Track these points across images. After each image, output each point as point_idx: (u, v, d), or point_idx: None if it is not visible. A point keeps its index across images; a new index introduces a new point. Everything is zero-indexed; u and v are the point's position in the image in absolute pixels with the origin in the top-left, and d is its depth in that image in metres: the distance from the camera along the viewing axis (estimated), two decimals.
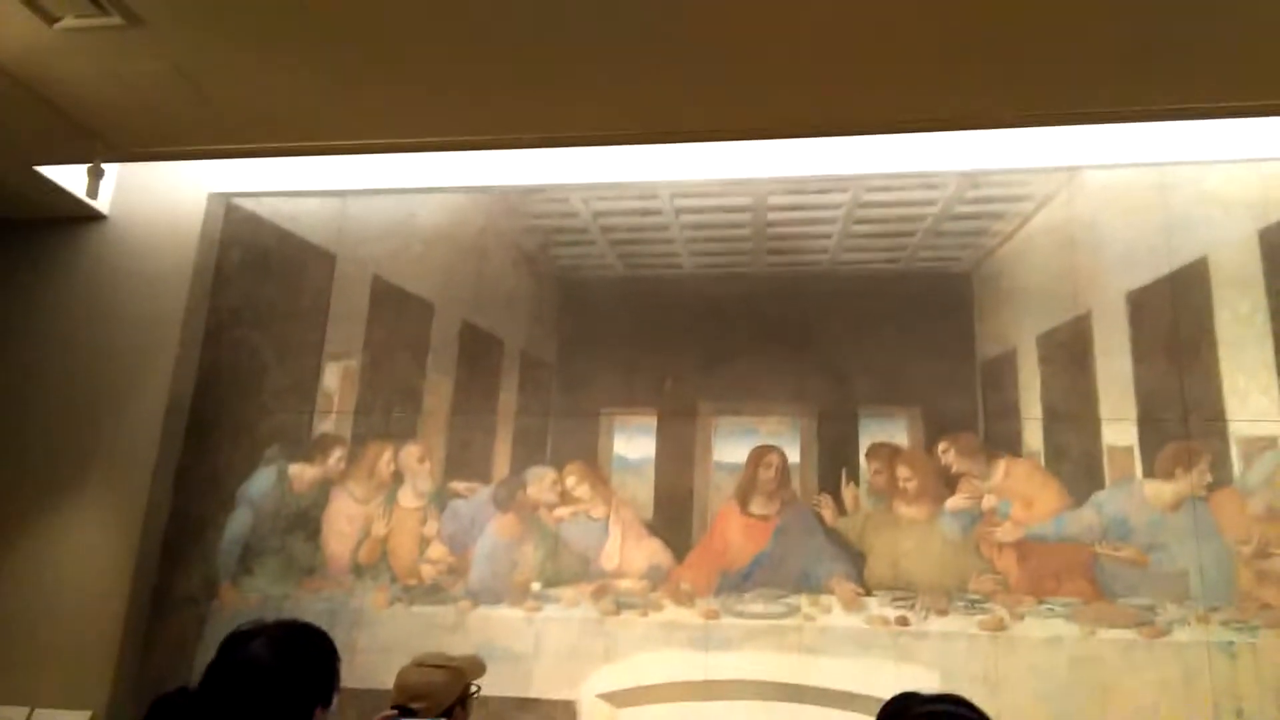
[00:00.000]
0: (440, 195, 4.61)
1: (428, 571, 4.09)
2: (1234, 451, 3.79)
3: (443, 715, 2.51)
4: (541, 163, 4.45)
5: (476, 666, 2.74)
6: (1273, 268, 3.94)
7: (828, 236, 4.34)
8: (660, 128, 3.98)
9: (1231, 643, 3.58)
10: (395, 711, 2.45)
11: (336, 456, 4.29)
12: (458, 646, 3.86)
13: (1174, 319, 3.96)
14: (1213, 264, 3.99)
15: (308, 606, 4.04)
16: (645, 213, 4.45)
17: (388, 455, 4.25)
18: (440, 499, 4.20)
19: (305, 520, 4.23)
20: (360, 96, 3.73)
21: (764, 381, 4.18)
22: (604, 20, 3.21)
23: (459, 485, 4.20)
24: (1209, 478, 3.77)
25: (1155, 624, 3.64)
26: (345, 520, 4.19)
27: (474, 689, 2.66)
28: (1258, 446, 3.78)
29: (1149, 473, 3.82)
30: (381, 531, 4.14)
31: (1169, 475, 3.80)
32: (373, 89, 3.68)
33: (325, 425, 4.37)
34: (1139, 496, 3.80)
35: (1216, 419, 3.83)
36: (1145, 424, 3.87)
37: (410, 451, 4.26)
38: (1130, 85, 3.56)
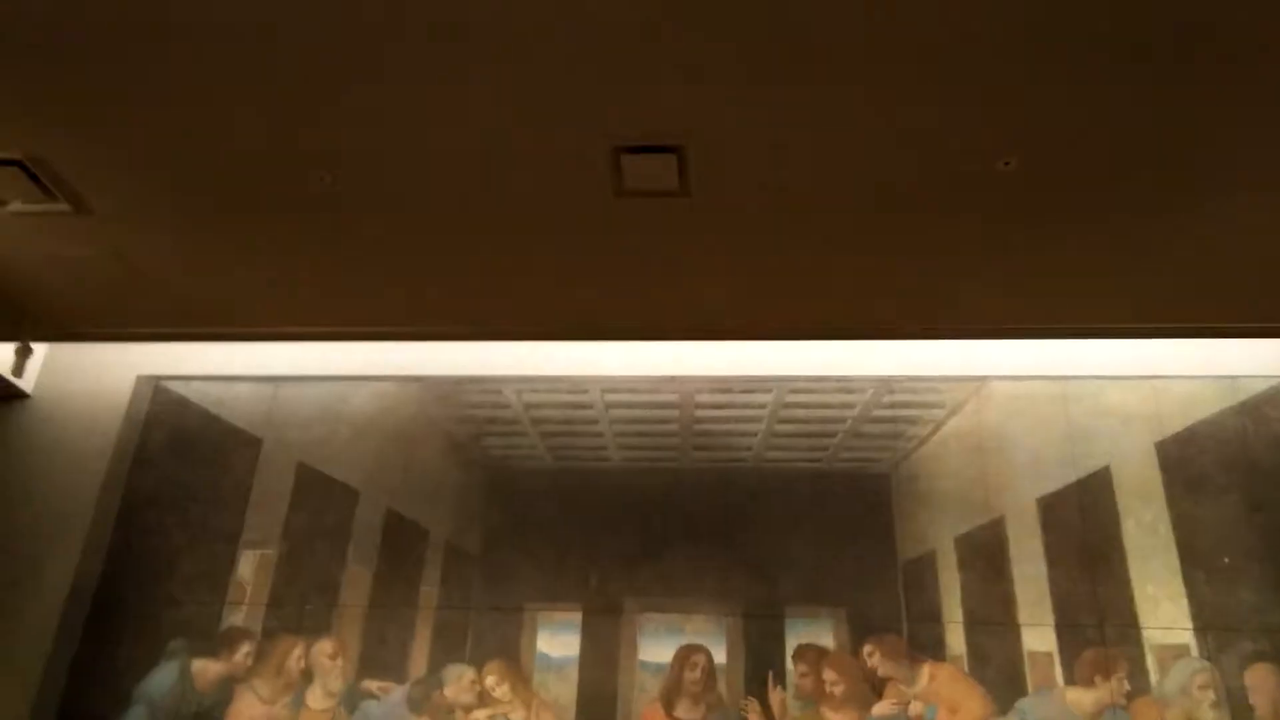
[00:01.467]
0: (373, 383, 4.66)
1: None
2: (1149, 660, 3.86)
3: None
4: (476, 354, 4.57)
5: None
6: (1171, 479, 4.17)
7: (753, 435, 4.47)
8: (592, 326, 4.17)
9: None
10: None
11: (244, 652, 4.07)
12: None
13: (1083, 526, 4.12)
14: (1115, 474, 4.21)
15: None
16: (576, 406, 4.56)
17: (298, 651, 4.06)
18: (351, 699, 3.98)
19: None
20: (296, 287, 3.85)
21: (690, 578, 4.17)
22: (536, 224, 3.41)
23: (372, 684, 4.01)
24: (1127, 686, 3.82)
25: None
26: None
27: None
28: (1171, 654, 3.86)
29: (1070, 680, 3.85)
30: None
31: (1089, 683, 3.84)
32: (309, 280, 3.80)
33: (235, 618, 4.18)
34: (1061, 704, 3.81)
35: (1130, 626, 3.92)
36: (1063, 630, 3.94)
37: (322, 647, 4.08)
38: (1030, 306, 3.88)
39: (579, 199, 3.24)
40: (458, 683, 3.96)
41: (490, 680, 3.97)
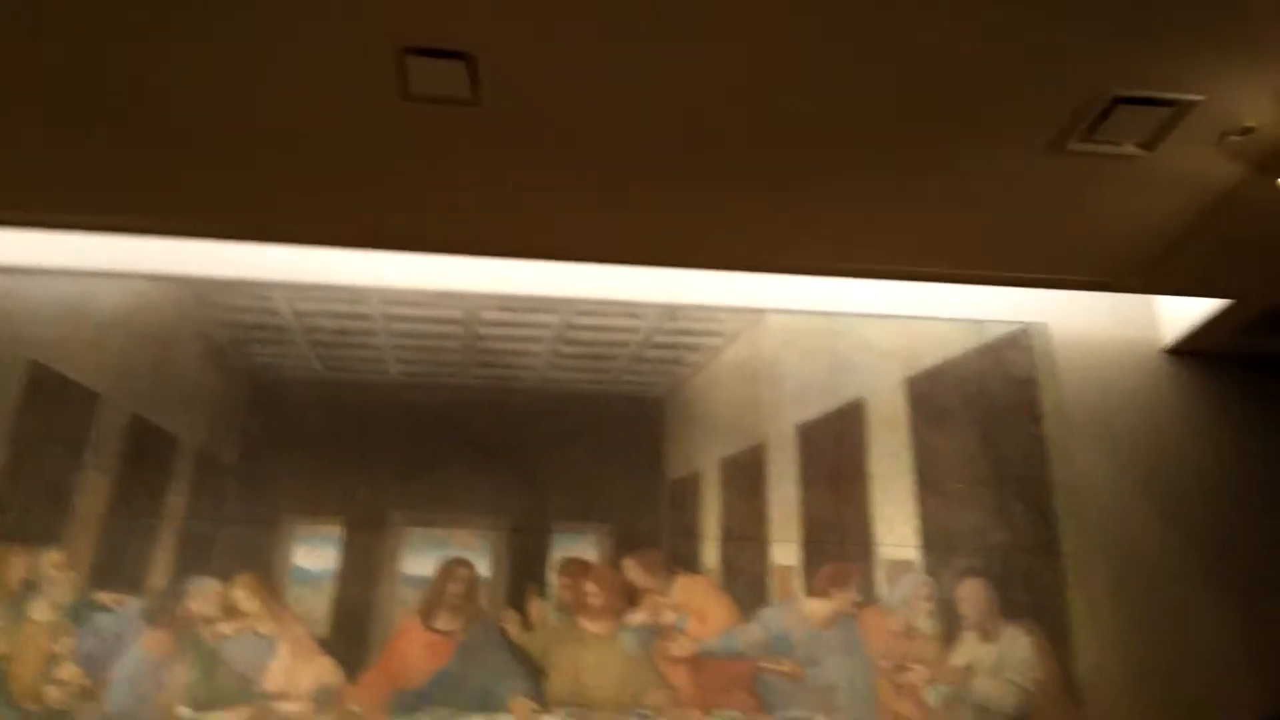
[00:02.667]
0: (125, 281, 4.32)
1: (53, 694, 3.62)
2: (880, 573, 4.24)
3: None
4: (244, 257, 4.31)
5: None
6: (916, 410, 4.54)
7: (536, 354, 4.50)
8: (373, 235, 4.02)
9: None
10: None
11: None
12: None
13: (835, 451, 4.44)
14: (869, 405, 4.54)
15: None
16: (353, 316, 4.42)
17: (22, 561, 3.79)
18: (80, 612, 3.77)
19: None
20: (45, 169, 3.50)
21: (460, 493, 4.19)
22: (316, 121, 3.24)
23: (106, 597, 3.81)
24: (858, 597, 4.18)
25: None
26: None
27: None
28: (899, 569, 4.26)
29: (809, 591, 4.18)
30: (1, 648, 3.65)
31: (825, 594, 4.18)
32: (55, 160, 3.46)
33: None
34: (799, 613, 4.14)
35: (866, 543, 4.28)
36: (808, 546, 4.26)
37: (50, 558, 3.81)
38: (806, 246, 4.06)
39: (362, 99, 3.10)
40: (202, 595, 3.82)
41: (239, 593, 3.86)
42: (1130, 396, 4.64)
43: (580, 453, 4.33)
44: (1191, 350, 4.68)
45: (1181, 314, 4.61)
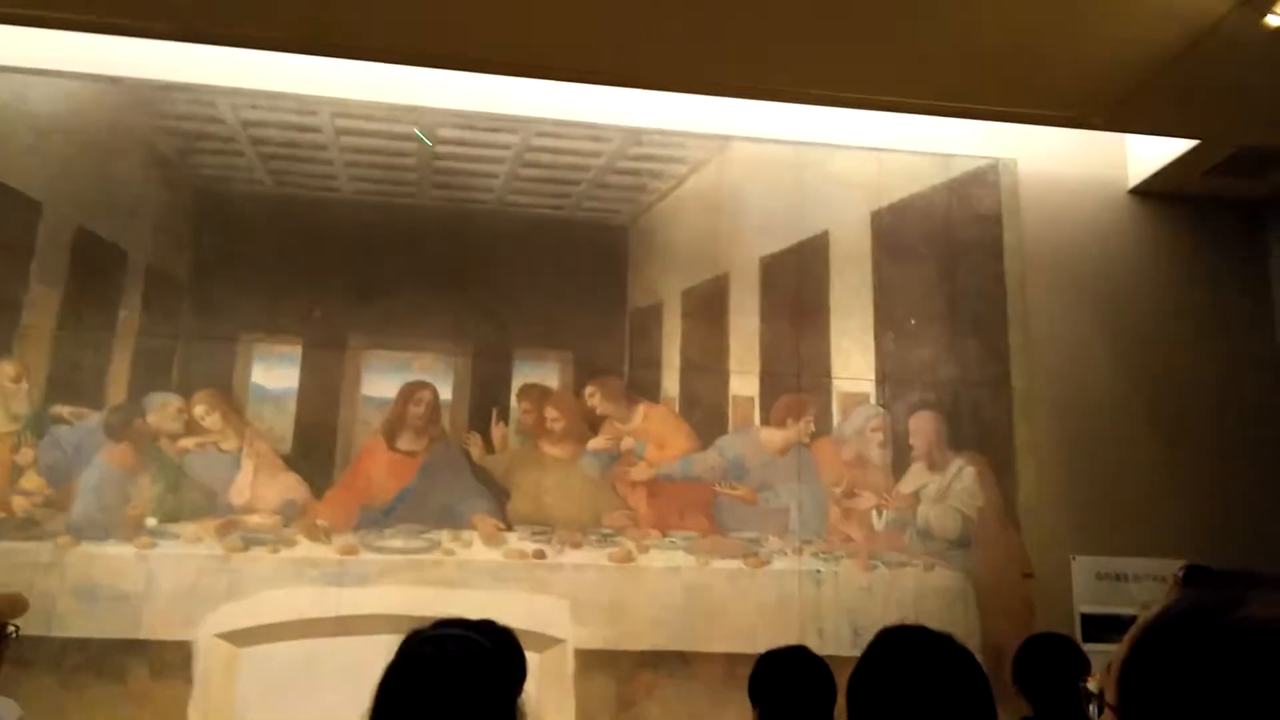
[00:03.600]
0: (58, 80, 4.10)
1: (19, 504, 3.69)
2: (835, 405, 4.40)
3: None
4: (185, 57, 4.07)
5: (14, 604, 2.49)
6: (879, 245, 4.60)
7: (495, 176, 4.42)
8: (319, 38, 3.82)
9: (819, 571, 4.18)
10: None
11: None
12: (54, 585, 3.58)
13: (797, 285, 4.50)
14: (832, 238, 4.57)
15: None
16: (302, 129, 4.27)
17: None
18: (39, 424, 3.79)
19: None
20: None
21: (420, 317, 4.20)
22: None
23: (63, 410, 3.81)
24: (813, 428, 4.36)
25: (759, 555, 4.16)
26: None
27: (11, 629, 2.43)
28: (854, 401, 4.42)
29: (765, 421, 4.34)
30: None
31: (781, 424, 4.34)
32: None
33: None
34: (755, 442, 4.31)
35: (823, 376, 4.42)
36: (766, 377, 4.38)
37: (3, 369, 3.79)
38: (771, 70, 3.97)
39: None
40: (162, 410, 3.86)
41: (199, 410, 3.90)
42: (1093, 236, 4.74)
43: (542, 279, 4.34)
44: (1156, 192, 4.76)
45: (1150, 155, 4.66)
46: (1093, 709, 0.86)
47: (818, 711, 2.26)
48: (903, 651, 1.61)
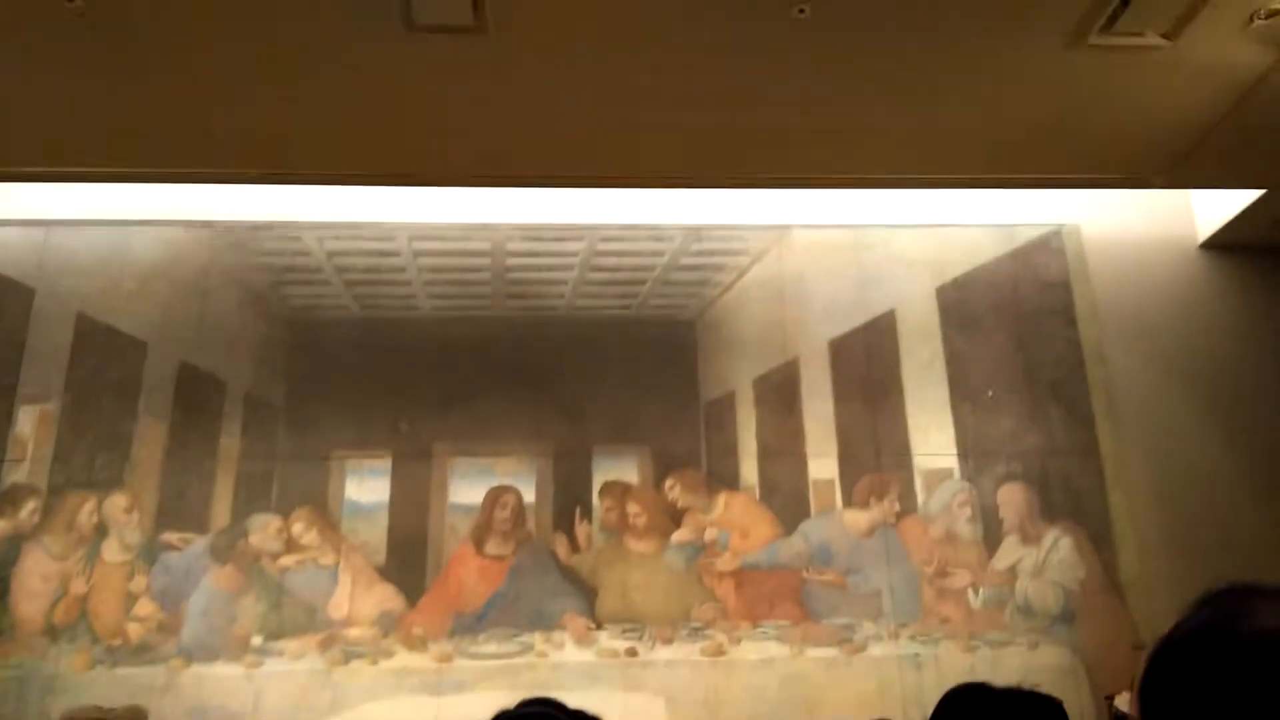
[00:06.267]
0: (157, 229, 4.53)
1: (134, 630, 3.95)
2: (918, 483, 4.46)
3: None
4: (271, 198, 4.50)
5: (135, 717, 2.66)
6: (947, 319, 4.70)
7: (564, 283, 4.69)
8: (394, 170, 4.19)
9: (917, 654, 4.18)
10: None
11: (29, 509, 4.06)
12: (169, 709, 3.78)
13: (867, 365, 4.62)
14: (899, 316, 4.70)
15: None
16: (382, 254, 4.62)
17: (90, 506, 4.08)
18: (150, 552, 4.08)
19: None
20: (67, 119, 3.67)
21: (500, 423, 4.42)
22: (325, 58, 3.38)
23: (172, 537, 4.10)
24: (897, 506, 4.41)
25: (854, 641, 4.18)
26: (39, 579, 3.97)
27: None
28: (937, 477, 4.47)
29: (848, 503, 4.41)
30: (81, 589, 3.96)
31: (864, 505, 4.41)
32: (82, 111, 3.63)
33: (16, 475, 4.13)
34: (839, 524, 4.37)
35: (903, 453, 4.49)
36: (844, 459, 4.47)
37: (115, 501, 4.11)
38: (827, 156, 4.17)
39: (367, 32, 3.23)
40: (263, 530, 4.12)
41: (298, 527, 4.15)
42: (1166, 294, 4.75)
43: (614, 378, 4.54)
44: (1227, 244, 4.77)
45: (1217, 209, 4.71)
46: None
47: None
48: (972, 703, 1.66)
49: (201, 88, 3.54)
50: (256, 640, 3.98)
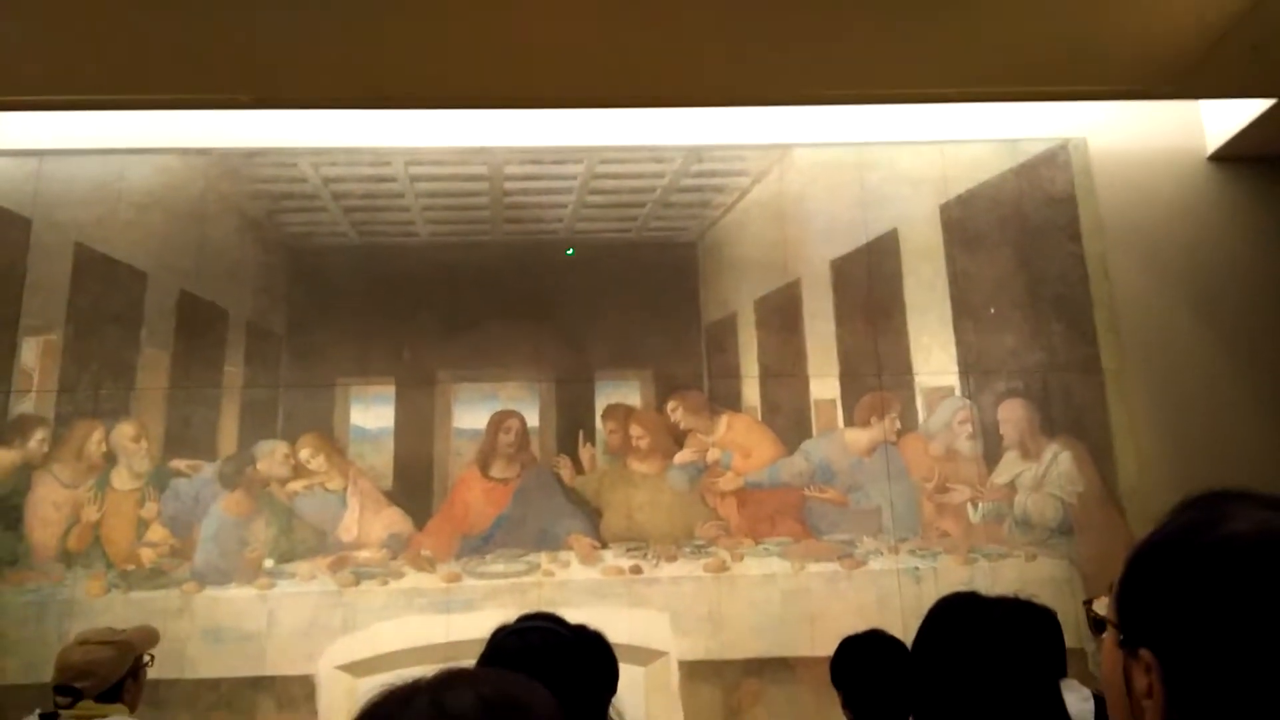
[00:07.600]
0: (152, 157, 4.50)
1: (147, 555, 4.06)
2: (919, 401, 4.50)
3: (112, 691, 2.48)
4: (265, 124, 4.46)
5: (147, 637, 2.72)
6: (950, 238, 4.68)
7: (563, 206, 4.67)
8: (390, 93, 4.13)
9: (917, 568, 4.27)
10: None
11: (38, 439, 4.13)
12: (184, 630, 3.91)
13: (869, 285, 4.62)
14: (902, 235, 4.68)
15: (10, 600, 3.90)
16: (379, 179, 4.59)
17: (98, 435, 4.15)
18: (159, 479, 4.16)
19: (4, 509, 4.06)
20: (60, 47, 3.63)
21: (503, 348, 4.45)
22: None
23: (180, 464, 4.18)
24: (898, 424, 4.46)
25: (854, 556, 4.27)
26: (51, 507, 4.06)
27: (146, 660, 2.66)
28: (938, 396, 4.51)
29: (849, 422, 4.46)
30: (93, 516, 4.05)
31: (865, 424, 4.46)
32: (73, 38, 3.59)
33: (23, 405, 4.20)
34: (840, 443, 4.43)
35: (905, 372, 4.52)
36: (846, 379, 4.51)
37: (123, 430, 4.18)
38: (828, 72, 4.12)
39: None
40: (270, 457, 4.19)
41: (305, 453, 4.22)
42: (1173, 207, 4.71)
43: (615, 302, 4.55)
44: (1237, 156, 4.72)
45: (1226, 119, 4.64)
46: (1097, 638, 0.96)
47: (899, 691, 2.37)
48: (961, 612, 1.70)
49: (193, 10, 3.48)
50: (268, 563, 4.08)
